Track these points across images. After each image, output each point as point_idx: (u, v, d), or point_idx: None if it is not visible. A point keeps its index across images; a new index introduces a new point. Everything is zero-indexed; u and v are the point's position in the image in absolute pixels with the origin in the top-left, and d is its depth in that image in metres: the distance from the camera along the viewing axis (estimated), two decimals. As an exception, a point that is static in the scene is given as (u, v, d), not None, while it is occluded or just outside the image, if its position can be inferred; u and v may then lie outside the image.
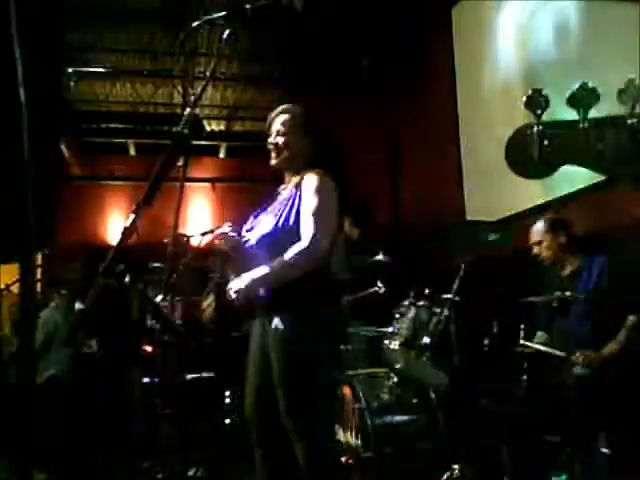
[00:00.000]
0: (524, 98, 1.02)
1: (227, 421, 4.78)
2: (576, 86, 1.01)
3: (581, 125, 1.00)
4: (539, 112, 1.02)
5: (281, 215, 2.19)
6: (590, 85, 1.01)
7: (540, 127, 1.01)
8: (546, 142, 1.01)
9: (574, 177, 3.70)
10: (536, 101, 1.02)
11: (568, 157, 1.01)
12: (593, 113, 1.01)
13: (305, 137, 2.25)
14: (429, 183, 5.51)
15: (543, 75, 3.99)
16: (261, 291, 2.17)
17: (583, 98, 1.00)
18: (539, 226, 3.23)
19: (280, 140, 2.24)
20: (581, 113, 0.99)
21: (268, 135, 2.29)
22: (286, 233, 2.13)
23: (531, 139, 1.01)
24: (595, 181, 3.51)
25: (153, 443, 4.26)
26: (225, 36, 1.70)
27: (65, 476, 4.29)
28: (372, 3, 5.70)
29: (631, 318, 2.87)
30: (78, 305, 5.31)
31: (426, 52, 5.72)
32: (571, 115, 1.01)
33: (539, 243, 3.21)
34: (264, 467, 2.19)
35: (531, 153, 1.01)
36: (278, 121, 2.27)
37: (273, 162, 2.27)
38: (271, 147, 2.26)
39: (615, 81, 0.99)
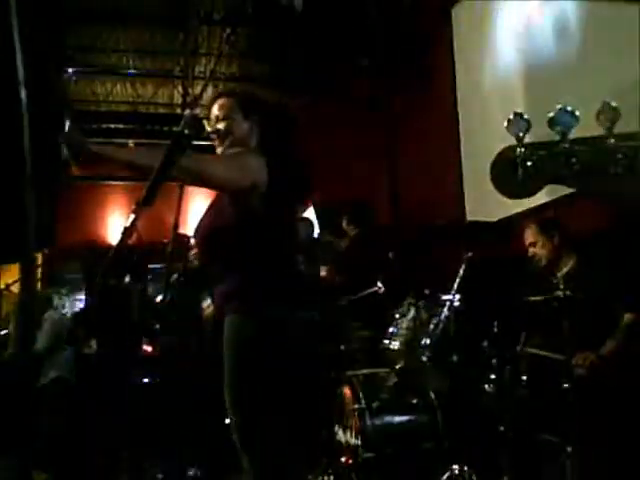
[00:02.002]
0: (505, 122, 1.04)
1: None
2: (556, 109, 1.02)
3: (562, 146, 1.02)
4: (521, 135, 1.04)
5: (218, 205, 2.10)
6: (570, 108, 1.02)
7: (522, 149, 1.03)
8: (529, 164, 1.03)
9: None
10: (517, 124, 1.04)
11: (551, 177, 1.03)
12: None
13: (246, 120, 2.10)
14: (429, 183, 5.50)
15: (543, 75, 3.99)
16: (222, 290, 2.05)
17: (563, 120, 1.02)
18: (532, 227, 3.26)
19: (221, 126, 2.10)
20: (562, 134, 1.01)
21: (208, 124, 2.15)
22: (222, 222, 2.01)
23: (514, 161, 1.03)
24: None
25: (153, 443, 4.27)
26: (225, 36, 1.70)
27: (65, 476, 4.30)
28: (372, 3, 5.71)
29: (627, 316, 2.87)
30: (78, 305, 5.31)
31: (426, 52, 5.71)
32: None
33: (534, 244, 3.23)
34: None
35: (515, 175, 1.03)
36: (216, 107, 2.14)
37: (218, 150, 2.13)
38: (213, 135, 2.12)
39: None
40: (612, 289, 2.92)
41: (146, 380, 4.63)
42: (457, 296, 3.10)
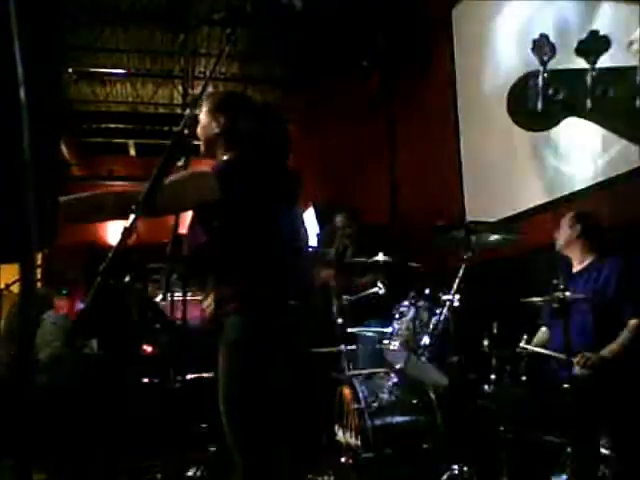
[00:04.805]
0: (530, 43, 0.95)
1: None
2: (586, 34, 0.94)
3: (589, 75, 0.95)
4: (545, 59, 0.97)
5: (191, 225, 2.10)
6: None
7: (546, 75, 0.96)
8: (551, 91, 0.97)
9: (574, 178, 3.71)
10: (543, 46, 0.97)
11: (574, 109, 0.97)
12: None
13: (217, 118, 2.10)
14: (429, 183, 5.50)
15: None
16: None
17: (593, 46, 0.95)
18: (569, 212, 3.29)
19: (199, 127, 2.13)
20: (590, 62, 0.94)
21: None
22: (198, 240, 2.02)
23: (535, 88, 0.97)
24: (594, 182, 3.52)
25: (153, 443, 4.27)
26: (225, 36, 1.70)
27: (65, 476, 4.30)
28: (372, 3, 5.71)
29: (633, 321, 2.87)
30: (78, 305, 5.31)
31: (426, 52, 5.71)
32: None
33: (559, 226, 3.27)
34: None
35: (535, 103, 0.97)
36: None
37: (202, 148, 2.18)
38: None
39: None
40: (623, 293, 2.92)
41: (146, 380, 4.63)
42: (457, 296, 3.09)
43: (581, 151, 3.61)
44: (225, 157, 2.07)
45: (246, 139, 2.08)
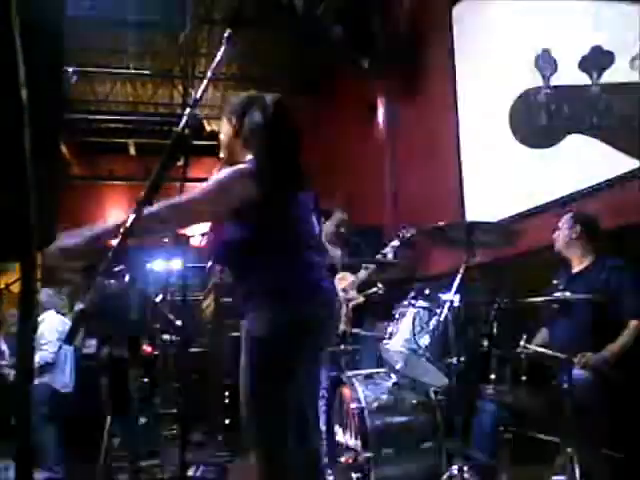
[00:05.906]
0: (533, 57, 0.98)
1: (227, 421, 4.79)
2: (589, 49, 0.97)
3: (593, 90, 0.97)
4: (548, 74, 0.99)
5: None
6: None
7: (548, 91, 0.98)
8: (553, 107, 0.98)
9: (573, 179, 3.71)
10: (545, 61, 0.99)
11: (577, 125, 0.98)
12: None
13: (231, 121, 2.10)
14: (429, 183, 5.50)
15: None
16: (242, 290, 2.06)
17: (596, 61, 0.97)
18: (568, 212, 3.29)
19: (220, 134, 2.16)
20: (594, 77, 0.96)
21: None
22: (225, 236, 2.01)
23: (537, 104, 0.99)
24: (594, 183, 3.52)
25: (153, 443, 4.27)
26: (225, 37, 1.69)
27: (65, 476, 4.30)
28: (372, 3, 5.71)
29: (633, 322, 2.87)
30: (78, 305, 5.30)
31: (426, 52, 5.71)
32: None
33: (559, 227, 3.26)
34: None
35: (537, 119, 0.99)
36: None
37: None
38: None
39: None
40: (623, 293, 2.92)
41: (146, 380, 4.63)
42: (457, 296, 3.09)
43: (581, 152, 3.61)
44: (249, 156, 2.04)
45: (258, 137, 2.05)
